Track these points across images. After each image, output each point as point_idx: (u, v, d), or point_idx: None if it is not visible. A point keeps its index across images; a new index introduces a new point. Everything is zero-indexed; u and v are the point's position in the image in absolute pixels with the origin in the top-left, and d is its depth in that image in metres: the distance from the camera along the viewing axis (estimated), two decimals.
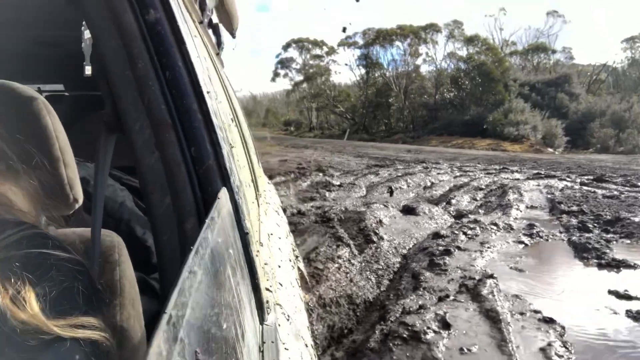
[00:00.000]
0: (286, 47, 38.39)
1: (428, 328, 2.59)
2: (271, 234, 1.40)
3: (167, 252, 0.65)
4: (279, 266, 1.20)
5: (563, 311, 3.01)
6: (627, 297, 3.24)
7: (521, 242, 4.71)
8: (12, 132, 0.64)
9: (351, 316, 3.22)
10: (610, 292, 3.34)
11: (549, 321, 2.80)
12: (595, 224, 5.28)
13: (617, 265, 3.92)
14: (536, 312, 2.93)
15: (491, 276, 3.44)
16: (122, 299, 0.69)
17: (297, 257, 2.09)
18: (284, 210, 5.60)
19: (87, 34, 0.95)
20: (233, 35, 2.48)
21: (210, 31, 1.91)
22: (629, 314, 2.98)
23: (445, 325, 2.67)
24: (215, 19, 1.99)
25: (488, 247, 4.45)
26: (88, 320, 0.48)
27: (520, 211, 6.19)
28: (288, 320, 0.92)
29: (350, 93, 36.04)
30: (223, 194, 0.67)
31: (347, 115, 35.03)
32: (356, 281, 3.79)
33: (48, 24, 1.56)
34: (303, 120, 41.01)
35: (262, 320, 0.75)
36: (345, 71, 72.50)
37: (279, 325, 0.82)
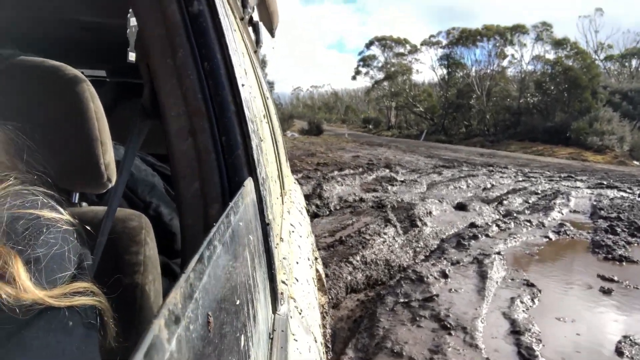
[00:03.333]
0: (369, 44, 39.25)
1: (431, 275, 3.66)
2: (292, 232, 1.42)
3: (190, 236, 0.67)
4: (297, 262, 1.21)
5: (548, 282, 3.89)
6: (610, 280, 4.02)
7: (546, 237, 5.48)
8: (52, 109, 0.67)
9: (385, 273, 4.27)
10: (598, 275, 4.13)
11: (530, 285, 3.71)
12: (625, 229, 5.86)
13: (620, 259, 4.63)
14: (524, 279, 3.84)
15: (498, 253, 4.38)
16: (143, 278, 0.72)
17: (316, 258, 2.15)
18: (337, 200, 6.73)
19: (132, 21, 0.98)
20: (272, 34, 2.51)
21: (250, 29, 1.95)
22: (602, 289, 3.79)
23: (445, 275, 3.73)
24: (256, 17, 2.05)
25: (513, 238, 5.29)
26: (83, 285, 0.47)
27: (562, 214, 6.83)
28: (300, 314, 0.93)
29: (432, 92, 36.14)
30: (248, 182, 0.68)
31: (427, 116, 35.21)
32: (396, 252, 4.83)
33: (94, 10, 1.58)
34: (382, 119, 41.63)
35: (274, 309, 0.76)
36: (426, 70, 71.98)
37: (291, 317, 0.83)
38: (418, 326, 2.96)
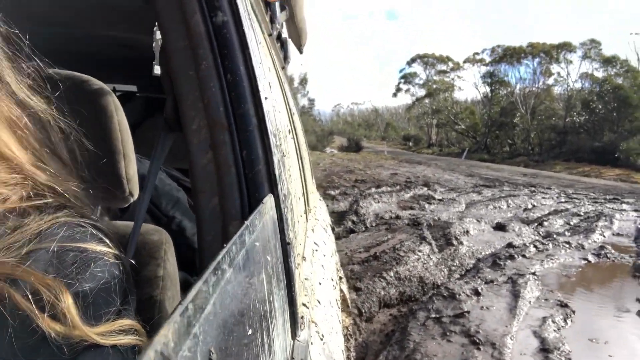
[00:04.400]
0: (411, 62, 39.49)
1: (463, 293, 3.74)
2: (316, 250, 1.39)
3: (209, 253, 0.66)
4: (320, 283, 1.18)
5: (583, 304, 3.89)
6: None
7: (585, 259, 5.40)
8: (79, 122, 0.64)
9: (419, 290, 4.37)
10: (637, 299, 4.06)
11: (564, 306, 3.72)
12: None
13: None
14: (559, 300, 3.85)
15: (533, 273, 4.39)
16: (162, 295, 0.71)
17: (340, 278, 2.11)
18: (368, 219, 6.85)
19: (158, 35, 0.94)
20: (300, 51, 2.54)
21: (278, 45, 1.97)
22: None
23: (477, 293, 3.80)
24: (284, 34, 2.07)
25: (551, 259, 5.26)
26: (128, 323, 0.47)
27: (603, 236, 6.68)
28: (322, 340, 0.90)
29: (475, 110, 35.80)
30: (268, 200, 0.66)
31: (469, 134, 34.84)
32: (430, 270, 4.91)
33: (125, 26, 1.62)
34: (422, 136, 41.51)
35: (294, 335, 0.73)
36: (469, 88, 71.58)
37: (312, 343, 0.81)
38: (448, 341, 3.06)
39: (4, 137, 0.49)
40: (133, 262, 0.67)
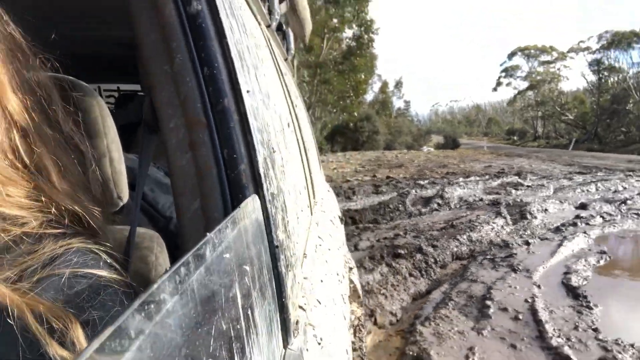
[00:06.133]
0: (511, 55, 38.71)
1: (515, 243, 4.86)
2: (319, 245, 1.35)
3: None
4: (322, 281, 1.14)
5: (625, 254, 4.77)
6: None
7: None
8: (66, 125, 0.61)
9: (489, 248, 5.47)
10: None
11: (603, 253, 4.64)
12: None
13: None
14: (601, 250, 4.76)
15: (585, 232, 5.31)
16: None
17: (351, 268, 2.11)
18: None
19: None
20: (304, 42, 2.50)
21: (280, 37, 1.98)
22: None
23: (527, 243, 4.88)
24: (286, 25, 2.10)
25: (613, 226, 6.01)
26: None
27: None
28: (319, 344, 0.85)
29: (585, 98, 34.25)
30: (250, 202, 0.61)
31: (578, 124, 33.38)
32: (502, 237, 5.93)
33: (125, 25, 1.46)
34: (528, 130, 40.28)
35: (286, 343, 0.69)
36: (574, 77, 67.81)
37: (307, 349, 0.76)
38: (495, 270, 4.23)
39: (49, 166, 0.52)
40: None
